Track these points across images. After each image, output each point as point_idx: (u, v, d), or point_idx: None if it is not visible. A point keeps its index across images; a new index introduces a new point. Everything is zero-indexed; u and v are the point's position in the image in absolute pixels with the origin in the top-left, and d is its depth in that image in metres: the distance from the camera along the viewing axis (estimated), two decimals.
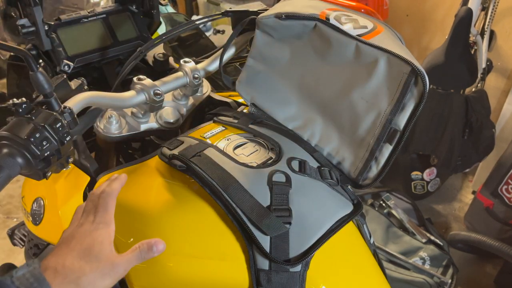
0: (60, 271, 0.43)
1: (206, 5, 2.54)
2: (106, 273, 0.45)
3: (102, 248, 0.46)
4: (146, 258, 0.48)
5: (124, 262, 0.46)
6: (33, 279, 0.41)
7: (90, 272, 0.44)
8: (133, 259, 0.47)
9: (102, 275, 0.44)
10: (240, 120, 0.71)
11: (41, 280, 0.41)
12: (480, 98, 1.73)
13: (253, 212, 0.54)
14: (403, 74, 0.58)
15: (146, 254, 0.47)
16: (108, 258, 0.45)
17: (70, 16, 0.78)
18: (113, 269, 0.45)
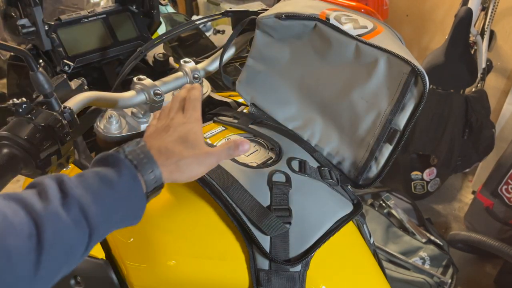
0: (163, 151, 0.47)
1: (206, 5, 2.54)
2: (201, 161, 0.48)
3: (196, 138, 0.49)
4: (232, 156, 0.50)
5: (216, 154, 0.49)
6: (143, 155, 0.45)
7: (188, 157, 0.47)
8: (223, 153, 0.50)
9: (198, 162, 0.48)
10: (240, 120, 0.71)
11: (149, 156, 0.45)
12: (480, 98, 1.73)
13: (253, 212, 0.54)
14: (403, 74, 0.58)
15: (233, 152, 0.50)
16: (203, 148, 0.49)
17: (70, 16, 0.78)
18: (207, 158, 0.48)
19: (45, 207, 0.38)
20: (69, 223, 0.38)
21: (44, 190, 0.39)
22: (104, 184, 0.42)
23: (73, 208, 0.39)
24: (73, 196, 0.39)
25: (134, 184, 0.44)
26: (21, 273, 0.35)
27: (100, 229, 0.41)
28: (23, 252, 0.35)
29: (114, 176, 0.42)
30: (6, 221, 0.35)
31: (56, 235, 0.37)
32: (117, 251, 0.60)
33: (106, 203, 0.41)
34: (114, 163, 0.44)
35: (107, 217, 0.42)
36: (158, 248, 0.56)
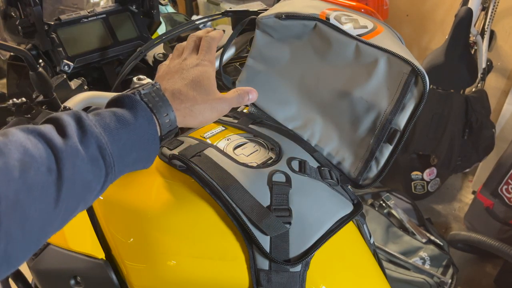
0: (177, 95, 0.47)
1: (206, 5, 2.54)
2: (214, 107, 0.48)
3: (209, 83, 0.49)
4: (242, 103, 0.52)
5: (228, 100, 0.50)
6: (158, 98, 0.45)
7: (201, 103, 0.48)
8: (234, 100, 0.51)
9: (211, 108, 0.48)
10: (240, 120, 0.71)
11: (164, 99, 0.46)
12: (480, 98, 1.74)
13: (253, 212, 0.54)
14: (403, 74, 0.58)
15: (242, 99, 0.51)
16: (215, 93, 0.49)
17: (70, 16, 0.78)
18: (220, 104, 0.49)
19: (65, 142, 0.38)
20: (87, 159, 0.39)
21: (63, 126, 0.39)
22: (120, 124, 0.42)
23: (92, 145, 0.39)
24: (92, 134, 0.39)
25: (149, 126, 0.44)
26: (41, 206, 0.35)
27: (115, 168, 0.41)
28: (44, 186, 0.35)
29: (131, 117, 0.43)
30: (27, 154, 0.35)
31: (75, 171, 0.38)
32: (117, 251, 0.60)
33: (122, 143, 0.42)
34: (130, 105, 0.44)
35: (122, 157, 0.42)
36: (158, 248, 0.56)
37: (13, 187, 0.33)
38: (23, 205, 0.34)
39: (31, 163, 0.35)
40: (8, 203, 0.33)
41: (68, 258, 0.63)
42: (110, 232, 0.61)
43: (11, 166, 0.34)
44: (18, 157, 0.34)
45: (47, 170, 0.36)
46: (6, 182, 0.33)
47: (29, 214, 0.34)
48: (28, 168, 0.35)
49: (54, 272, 0.65)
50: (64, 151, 0.37)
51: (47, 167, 0.36)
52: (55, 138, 0.38)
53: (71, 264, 0.63)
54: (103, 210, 0.62)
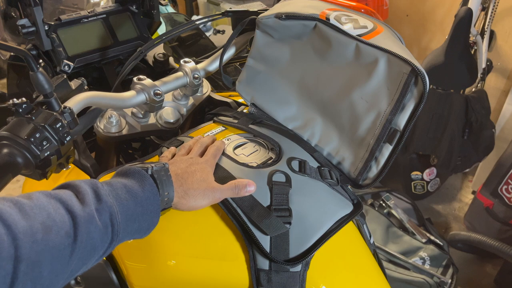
0: (179, 177, 0.53)
1: (206, 5, 2.54)
2: (206, 194, 0.53)
3: (208, 176, 0.55)
4: (239, 195, 0.55)
5: (222, 190, 0.54)
6: (165, 177, 0.51)
7: (197, 189, 0.53)
8: (229, 191, 0.55)
9: (203, 194, 0.53)
10: (240, 120, 0.71)
11: (170, 180, 0.51)
12: (480, 98, 1.73)
13: (253, 212, 0.54)
14: (403, 74, 0.57)
15: (239, 191, 0.55)
16: (211, 184, 0.54)
17: (70, 16, 0.78)
18: (213, 193, 0.54)
19: (83, 209, 0.42)
20: (99, 227, 0.42)
21: (81, 193, 0.43)
22: (130, 196, 0.46)
23: (105, 214, 0.43)
24: (106, 203, 0.44)
25: (154, 200, 0.48)
26: (55, 266, 0.38)
27: (119, 236, 0.45)
28: (61, 248, 0.39)
29: (139, 189, 0.47)
30: (50, 218, 0.39)
31: (88, 236, 0.41)
32: (117, 251, 0.60)
33: (129, 213, 0.46)
34: (140, 178, 0.49)
35: (127, 226, 0.46)
36: (158, 248, 0.56)
37: (36, 249, 0.36)
38: (40, 266, 0.37)
39: (52, 226, 0.38)
40: (28, 264, 0.36)
41: None
42: None
43: (35, 229, 0.37)
44: (42, 220, 0.38)
45: (65, 234, 0.39)
46: (30, 243, 0.36)
47: (44, 273, 0.37)
48: (50, 231, 0.38)
49: None
50: (82, 217, 0.41)
51: (65, 231, 0.39)
52: (75, 205, 0.41)
53: None
54: None
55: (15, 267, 0.35)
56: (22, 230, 0.36)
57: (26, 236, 0.36)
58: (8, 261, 0.34)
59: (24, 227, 0.36)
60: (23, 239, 0.36)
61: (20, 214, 0.37)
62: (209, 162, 0.58)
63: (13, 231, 0.35)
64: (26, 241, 0.36)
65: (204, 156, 0.59)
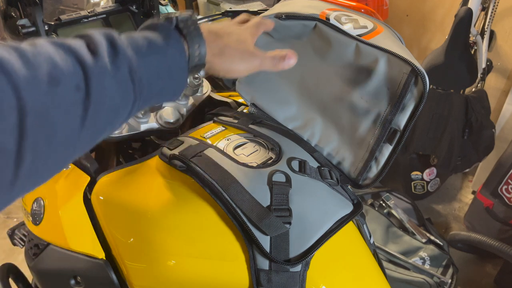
0: (213, 34, 0.47)
1: (206, 5, 2.54)
2: (244, 58, 0.49)
3: (247, 38, 0.50)
4: (276, 67, 0.51)
5: (261, 58, 0.50)
6: (193, 27, 0.44)
7: (234, 48, 0.48)
8: (268, 61, 0.50)
9: (241, 57, 0.48)
10: (240, 120, 0.71)
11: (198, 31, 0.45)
12: (480, 98, 1.73)
13: (253, 212, 0.54)
14: (403, 74, 0.58)
15: (278, 62, 0.51)
16: (250, 47, 0.50)
17: (70, 16, 0.78)
18: (251, 57, 0.49)
19: (95, 60, 0.36)
20: (117, 81, 0.37)
21: (94, 44, 0.37)
22: (152, 50, 0.41)
23: (123, 67, 0.38)
24: (124, 55, 0.38)
25: (180, 56, 0.43)
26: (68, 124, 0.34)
27: (143, 95, 0.40)
28: (71, 103, 0.34)
29: (163, 44, 0.42)
30: (57, 69, 0.33)
31: (103, 91, 0.36)
32: (117, 251, 0.60)
33: (152, 70, 0.40)
34: (164, 31, 0.43)
35: (150, 85, 0.41)
36: (158, 248, 0.56)
37: (42, 101, 0.32)
38: (51, 121, 0.32)
39: (59, 78, 0.33)
40: (36, 117, 0.31)
41: (68, 258, 0.63)
42: (110, 232, 0.61)
43: (40, 79, 0.32)
44: (47, 70, 0.33)
45: (76, 88, 0.34)
46: (34, 94, 0.31)
47: (56, 130, 0.33)
48: (57, 83, 0.33)
49: (54, 272, 0.66)
50: (94, 70, 0.35)
51: (75, 85, 0.34)
52: (85, 55, 0.36)
53: (71, 264, 0.63)
54: (103, 210, 0.62)
55: (21, 120, 0.30)
56: (24, 79, 0.31)
57: (30, 86, 0.31)
58: (11, 112, 0.30)
59: (26, 76, 0.31)
60: (26, 89, 0.31)
61: (21, 61, 0.32)
62: (249, 29, 0.52)
63: (14, 80, 0.30)
64: (30, 92, 0.31)
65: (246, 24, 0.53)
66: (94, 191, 0.64)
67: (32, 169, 0.32)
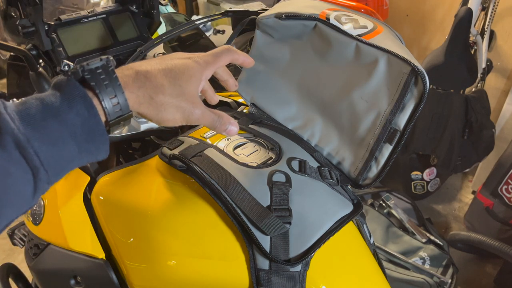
0: (141, 77, 0.40)
1: (206, 5, 2.54)
2: (182, 107, 0.41)
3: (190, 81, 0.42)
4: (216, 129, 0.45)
5: (202, 111, 0.43)
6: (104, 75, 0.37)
7: (168, 95, 0.40)
8: (209, 118, 0.44)
9: (177, 106, 0.41)
10: (240, 120, 0.71)
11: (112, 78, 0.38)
12: (480, 98, 1.74)
13: (253, 212, 0.54)
14: (403, 74, 0.58)
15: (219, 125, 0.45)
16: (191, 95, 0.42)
17: (70, 16, 0.78)
18: (191, 108, 0.42)
19: None
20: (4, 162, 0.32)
21: None
22: (49, 115, 0.35)
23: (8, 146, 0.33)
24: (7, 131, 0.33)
25: (89, 114, 0.36)
26: None
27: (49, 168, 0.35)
28: None
29: (64, 104, 0.35)
30: None
31: None
32: (117, 251, 0.60)
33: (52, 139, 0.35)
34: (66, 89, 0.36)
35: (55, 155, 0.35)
36: (158, 248, 0.56)
37: None
38: None
39: None
40: None
41: (68, 258, 0.63)
42: (110, 232, 0.61)
43: None
44: None
45: None
46: None
47: None
48: None
49: (54, 272, 0.66)
50: None
51: None
52: None
53: (71, 264, 0.63)
54: (103, 210, 0.62)
55: None
56: None
57: None
58: None
59: None
60: None
61: None
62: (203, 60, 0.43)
63: None
64: None
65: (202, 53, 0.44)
66: (94, 191, 0.64)
67: None
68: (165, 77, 0.40)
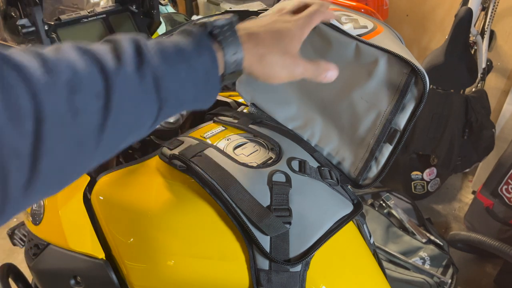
0: (253, 37, 0.44)
1: (206, 5, 2.54)
2: (286, 65, 0.46)
3: (291, 42, 0.46)
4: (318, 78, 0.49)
5: (304, 65, 0.47)
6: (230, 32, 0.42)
7: (275, 55, 0.45)
8: (310, 70, 0.48)
9: (283, 64, 0.46)
10: (240, 120, 0.71)
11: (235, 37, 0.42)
12: (480, 98, 1.74)
13: (253, 212, 0.54)
14: (403, 74, 0.57)
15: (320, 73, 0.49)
16: (294, 54, 0.46)
17: (70, 16, 0.78)
18: (294, 65, 0.46)
19: (119, 68, 0.35)
20: (141, 90, 0.36)
21: (120, 50, 0.37)
22: (181, 58, 0.39)
23: (147, 77, 0.37)
24: (149, 64, 0.37)
25: (211, 65, 0.41)
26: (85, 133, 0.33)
27: (170, 104, 0.39)
28: (90, 111, 0.33)
29: (194, 52, 0.40)
30: (76, 76, 0.33)
31: (125, 100, 0.35)
32: (117, 251, 0.60)
33: (180, 79, 0.39)
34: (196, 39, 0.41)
35: (178, 94, 0.40)
36: (158, 248, 0.56)
37: (60, 108, 0.31)
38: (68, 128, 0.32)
39: (79, 86, 0.33)
40: (53, 123, 0.31)
41: (68, 258, 0.63)
42: (110, 232, 0.61)
43: (59, 86, 0.32)
44: (67, 78, 0.32)
45: (96, 96, 0.34)
46: (52, 101, 0.31)
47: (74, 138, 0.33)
48: (76, 91, 0.32)
49: (54, 272, 0.66)
50: (116, 78, 0.35)
51: (96, 93, 0.34)
52: (109, 63, 0.35)
53: (71, 264, 0.63)
54: (103, 210, 0.62)
55: (38, 125, 0.30)
56: (43, 85, 0.31)
57: (48, 92, 0.31)
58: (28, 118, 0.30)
59: (45, 82, 0.31)
60: (45, 96, 0.31)
61: (43, 68, 0.32)
62: (300, 23, 0.48)
63: (33, 86, 0.30)
64: (48, 98, 0.31)
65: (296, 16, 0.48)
66: (94, 191, 0.64)
67: (47, 175, 0.32)
68: (272, 39, 0.45)
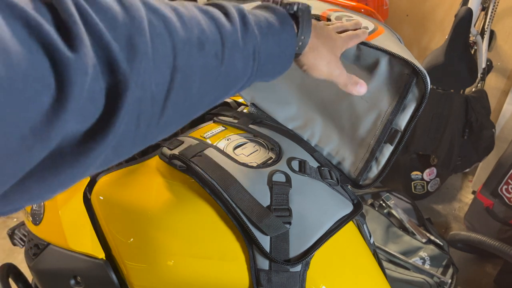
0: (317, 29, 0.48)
1: None
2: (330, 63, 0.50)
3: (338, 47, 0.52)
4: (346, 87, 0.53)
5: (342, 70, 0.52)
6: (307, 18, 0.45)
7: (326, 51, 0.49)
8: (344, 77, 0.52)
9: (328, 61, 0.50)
10: (240, 120, 0.71)
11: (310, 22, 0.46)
12: (480, 98, 1.73)
13: (253, 212, 0.54)
14: (404, 75, 0.57)
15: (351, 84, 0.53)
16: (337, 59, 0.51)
17: None
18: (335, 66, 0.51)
19: (231, 33, 0.38)
20: (243, 56, 0.39)
21: (230, 17, 0.39)
22: (271, 31, 0.42)
23: (249, 44, 0.40)
24: (252, 33, 0.40)
25: (291, 41, 0.44)
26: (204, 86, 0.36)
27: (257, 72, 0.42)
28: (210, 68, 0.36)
29: (279, 27, 0.43)
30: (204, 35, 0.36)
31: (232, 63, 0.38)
32: (117, 251, 0.60)
33: (268, 50, 0.42)
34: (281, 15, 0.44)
35: (265, 64, 0.42)
36: (158, 248, 0.56)
37: (190, 62, 0.34)
38: (191, 82, 0.35)
39: (205, 43, 0.35)
40: (182, 76, 0.34)
41: (68, 258, 0.63)
42: (110, 232, 0.61)
43: (192, 42, 0.34)
44: (197, 35, 0.35)
45: (215, 55, 0.36)
46: (186, 55, 0.34)
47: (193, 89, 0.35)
48: (203, 48, 0.35)
49: (54, 272, 0.66)
50: (229, 41, 0.38)
51: (215, 52, 0.36)
52: (225, 27, 0.38)
53: (71, 264, 0.63)
54: (103, 210, 0.62)
55: (172, 77, 0.33)
56: (181, 40, 0.33)
57: (184, 46, 0.34)
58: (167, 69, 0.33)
59: (183, 37, 0.34)
60: (181, 49, 0.33)
61: (180, 23, 0.34)
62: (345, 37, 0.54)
63: (173, 40, 0.33)
64: (183, 52, 0.34)
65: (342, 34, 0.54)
66: (94, 191, 0.64)
67: (168, 122, 0.34)
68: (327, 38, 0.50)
